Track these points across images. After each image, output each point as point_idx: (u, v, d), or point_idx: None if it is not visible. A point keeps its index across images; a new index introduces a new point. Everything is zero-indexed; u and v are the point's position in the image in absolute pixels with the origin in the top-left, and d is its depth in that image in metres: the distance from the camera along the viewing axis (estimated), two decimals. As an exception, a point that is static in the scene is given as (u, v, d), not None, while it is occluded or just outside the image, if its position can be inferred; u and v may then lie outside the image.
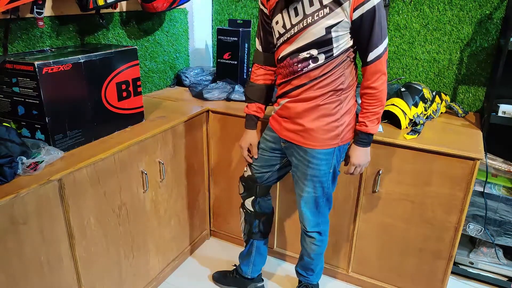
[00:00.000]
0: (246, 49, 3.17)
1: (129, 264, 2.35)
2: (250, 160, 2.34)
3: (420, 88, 2.60)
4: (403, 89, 2.58)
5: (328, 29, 1.82)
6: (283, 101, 2.08)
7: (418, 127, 2.40)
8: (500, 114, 2.44)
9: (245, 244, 2.57)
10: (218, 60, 3.25)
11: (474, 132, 2.46)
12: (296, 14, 1.87)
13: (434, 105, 2.63)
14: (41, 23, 2.13)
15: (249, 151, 2.34)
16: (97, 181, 2.01)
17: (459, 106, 2.73)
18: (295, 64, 1.95)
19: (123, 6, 2.73)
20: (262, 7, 2.08)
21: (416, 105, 2.50)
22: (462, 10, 2.70)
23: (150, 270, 2.57)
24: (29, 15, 2.13)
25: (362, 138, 2.06)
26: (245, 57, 3.19)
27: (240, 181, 2.41)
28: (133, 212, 2.30)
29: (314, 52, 1.89)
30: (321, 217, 2.27)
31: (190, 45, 3.53)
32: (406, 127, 2.44)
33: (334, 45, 1.86)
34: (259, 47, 2.21)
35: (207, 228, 3.19)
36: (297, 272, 2.55)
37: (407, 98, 2.50)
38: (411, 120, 2.45)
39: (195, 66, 3.52)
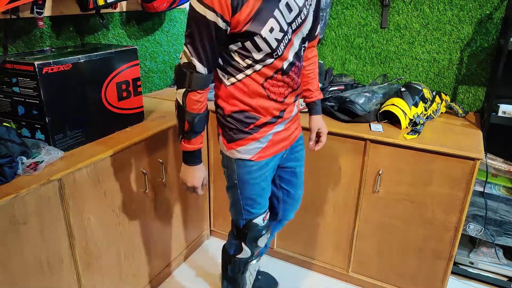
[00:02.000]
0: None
1: (129, 264, 2.35)
2: (201, 193, 1.96)
3: (420, 88, 2.61)
4: (403, 89, 2.58)
5: (314, 16, 1.85)
6: (291, 114, 1.91)
7: (418, 127, 2.40)
8: (500, 114, 2.44)
9: None
10: (218, 60, 3.24)
11: (474, 132, 2.46)
12: (290, 10, 1.66)
13: (434, 105, 2.63)
14: (41, 23, 2.13)
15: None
16: (97, 181, 2.01)
17: (459, 106, 2.73)
18: (300, 66, 1.85)
19: (123, 6, 2.73)
20: (219, 21, 1.56)
21: (416, 105, 2.50)
22: (462, 10, 2.70)
23: (150, 270, 2.57)
24: (29, 15, 2.13)
25: (320, 105, 2.19)
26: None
27: (263, 234, 2.07)
28: (133, 212, 2.30)
29: (306, 44, 1.86)
30: None
31: (190, 45, 3.52)
32: (406, 127, 2.44)
33: None
34: (203, 70, 1.66)
35: (207, 228, 3.19)
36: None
37: (407, 98, 2.50)
38: (411, 120, 2.45)
39: (195, 66, 3.51)
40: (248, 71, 1.72)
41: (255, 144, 1.85)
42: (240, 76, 1.73)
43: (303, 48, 1.84)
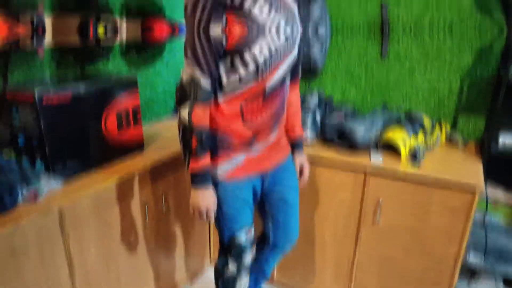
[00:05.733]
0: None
1: (128, 293, 2.34)
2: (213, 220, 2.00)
3: (420, 117, 2.61)
4: (403, 118, 2.58)
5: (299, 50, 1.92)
6: (271, 138, 1.97)
7: (418, 157, 2.39)
8: (500, 144, 2.44)
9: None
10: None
11: (474, 162, 2.45)
12: (278, 37, 1.73)
13: (434, 135, 2.63)
14: (41, 53, 2.14)
15: None
16: (97, 211, 2.01)
17: (459, 136, 2.73)
18: (283, 94, 1.92)
19: (123, 36, 2.76)
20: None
21: (416, 134, 2.50)
22: (462, 40, 2.71)
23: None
24: (29, 45, 2.14)
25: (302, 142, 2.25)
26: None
27: (246, 250, 2.07)
28: (133, 242, 2.29)
29: (289, 76, 1.94)
30: None
31: (192, 73, 3.54)
32: (406, 157, 2.44)
33: None
34: (209, 87, 1.74)
35: (208, 257, 3.16)
36: None
37: (407, 127, 2.50)
38: (411, 150, 2.45)
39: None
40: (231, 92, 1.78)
41: None
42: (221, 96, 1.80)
43: (287, 79, 1.90)
